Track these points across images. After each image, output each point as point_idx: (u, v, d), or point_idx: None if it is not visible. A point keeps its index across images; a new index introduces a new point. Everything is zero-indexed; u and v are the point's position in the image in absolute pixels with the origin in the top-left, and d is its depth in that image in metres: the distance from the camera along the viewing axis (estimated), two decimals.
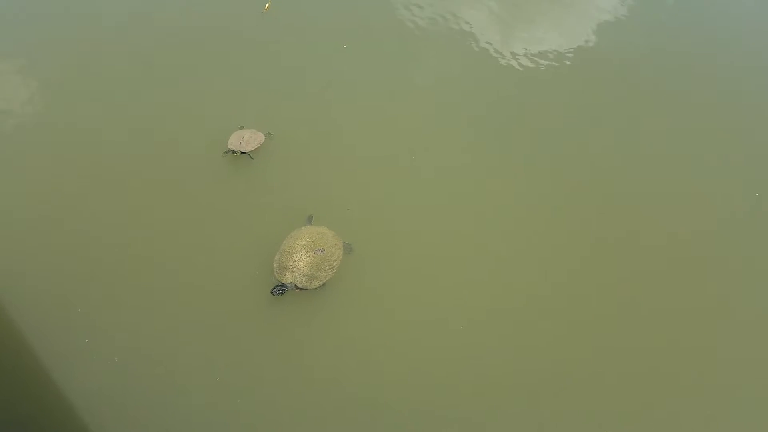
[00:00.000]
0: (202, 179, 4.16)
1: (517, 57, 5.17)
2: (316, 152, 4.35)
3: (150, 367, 3.42)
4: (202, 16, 5.32)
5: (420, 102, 4.80)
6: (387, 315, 3.66)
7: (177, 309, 3.61)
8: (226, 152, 4.19)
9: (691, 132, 4.73)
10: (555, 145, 4.56)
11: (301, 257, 3.62)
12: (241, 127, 4.23)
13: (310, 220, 3.93)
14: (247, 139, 4.16)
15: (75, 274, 3.73)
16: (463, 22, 5.42)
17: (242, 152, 4.14)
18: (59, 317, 3.56)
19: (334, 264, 3.68)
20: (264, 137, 4.24)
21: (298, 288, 3.61)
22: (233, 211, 4.02)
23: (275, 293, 3.56)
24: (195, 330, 3.55)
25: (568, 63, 5.18)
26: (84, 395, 3.32)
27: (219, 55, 5.00)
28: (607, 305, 3.77)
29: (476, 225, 4.07)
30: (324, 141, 4.43)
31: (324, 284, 3.64)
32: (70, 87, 4.72)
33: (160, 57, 4.95)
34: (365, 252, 3.86)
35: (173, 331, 3.55)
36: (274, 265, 3.67)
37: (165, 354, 3.47)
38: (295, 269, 3.61)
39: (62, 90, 4.71)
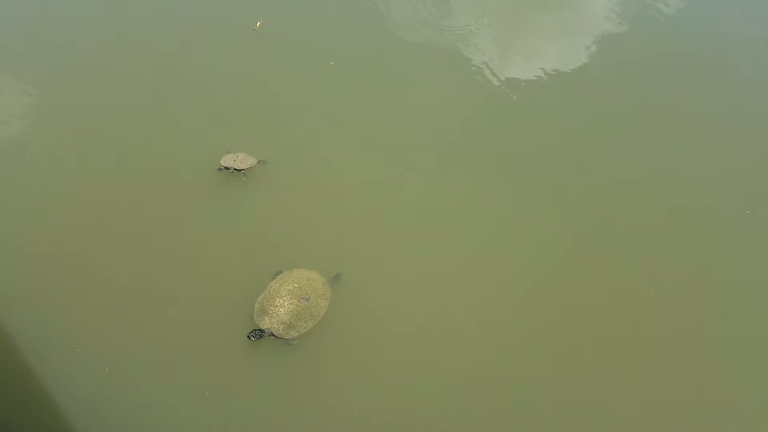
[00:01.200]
0: (194, 199, 4.13)
1: (512, 74, 5.13)
2: (308, 175, 4.29)
3: (140, 378, 3.37)
4: (194, 34, 5.31)
5: (410, 121, 4.76)
6: (380, 347, 3.54)
7: (167, 327, 3.55)
8: (219, 169, 4.16)
9: (687, 141, 4.76)
10: (549, 163, 4.51)
11: (283, 303, 3.43)
12: (228, 152, 4.29)
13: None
14: (241, 158, 4.17)
15: (69, 283, 3.70)
16: (459, 41, 5.41)
17: (236, 169, 4.11)
18: (52, 324, 3.53)
19: (317, 315, 3.47)
20: (255, 161, 4.23)
21: (273, 335, 3.41)
22: (225, 234, 3.95)
23: (252, 338, 3.34)
24: (186, 348, 3.47)
25: (562, 78, 5.14)
26: (71, 401, 3.27)
27: (209, 74, 5.00)
28: (599, 319, 3.73)
29: (471, 246, 4.02)
30: (315, 163, 4.36)
31: (300, 335, 3.43)
32: (53, 110, 4.68)
33: (147, 76, 4.90)
34: (354, 276, 3.76)
35: (163, 346, 3.48)
36: (256, 307, 3.47)
37: (155, 367, 3.42)
38: (274, 315, 3.41)
39: (47, 112, 4.67)
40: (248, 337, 3.36)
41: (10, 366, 3.38)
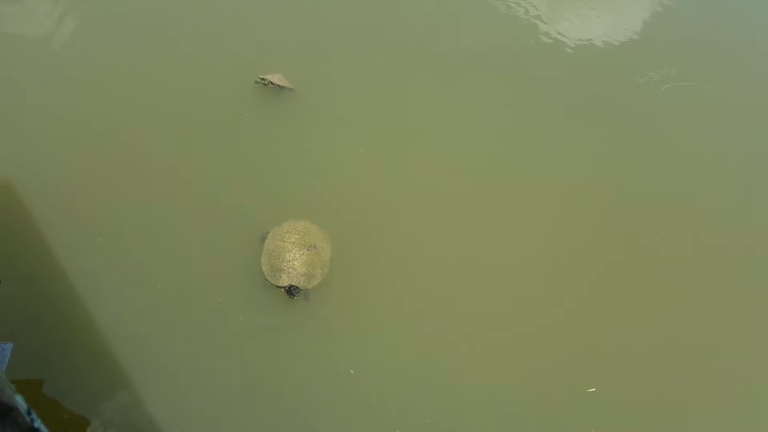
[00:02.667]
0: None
1: (555, 38, 4.78)
2: (329, 109, 4.12)
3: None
4: None
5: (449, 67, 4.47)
6: (381, 321, 3.41)
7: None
8: (257, 81, 4.10)
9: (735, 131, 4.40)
10: (570, 142, 4.19)
11: (295, 256, 3.29)
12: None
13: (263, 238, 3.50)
14: (279, 77, 4.13)
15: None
16: None
17: (272, 83, 4.07)
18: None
19: (326, 260, 3.39)
20: (290, 85, 4.14)
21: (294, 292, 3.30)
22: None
23: (293, 295, 3.27)
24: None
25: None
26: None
27: None
28: (612, 312, 3.53)
29: (479, 229, 3.79)
30: (338, 99, 4.17)
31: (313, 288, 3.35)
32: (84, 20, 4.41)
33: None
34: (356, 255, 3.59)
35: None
36: (264, 268, 3.33)
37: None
38: (291, 270, 3.27)
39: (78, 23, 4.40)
40: (290, 294, 3.28)
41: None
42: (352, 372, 3.23)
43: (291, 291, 3.28)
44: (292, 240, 3.35)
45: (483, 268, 3.62)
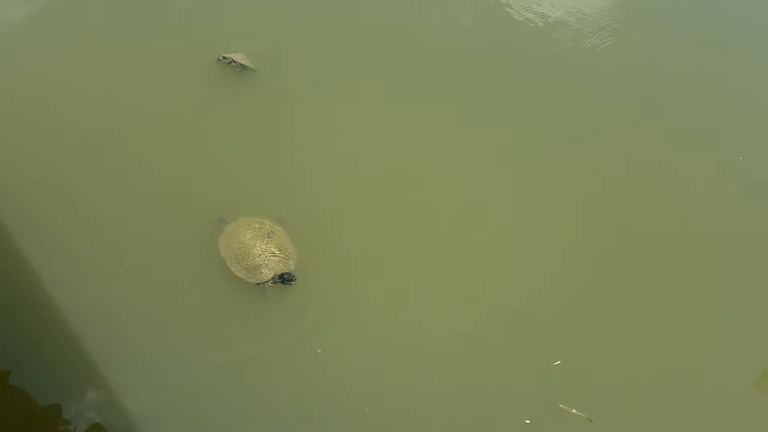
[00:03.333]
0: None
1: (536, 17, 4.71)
2: (293, 90, 4.07)
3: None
4: None
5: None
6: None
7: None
8: (219, 60, 4.04)
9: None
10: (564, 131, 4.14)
11: (263, 248, 3.25)
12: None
13: (222, 222, 3.46)
14: (241, 56, 4.08)
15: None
16: None
17: (234, 61, 4.02)
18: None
19: (289, 239, 3.37)
20: (252, 66, 4.07)
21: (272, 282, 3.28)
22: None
23: (289, 281, 3.24)
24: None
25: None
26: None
27: None
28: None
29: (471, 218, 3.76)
30: (305, 82, 4.11)
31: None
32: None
33: None
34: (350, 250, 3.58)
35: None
36: (241, 274, 3.25)
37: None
38: (267, 261, 3.23)
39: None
40: (286, 282, 3.27)
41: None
42: (319, 351, 3.25)
43: (284, 278, 3.25)
44: (249, 236, 3.30)
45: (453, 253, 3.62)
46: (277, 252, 3.28)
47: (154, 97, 3.95)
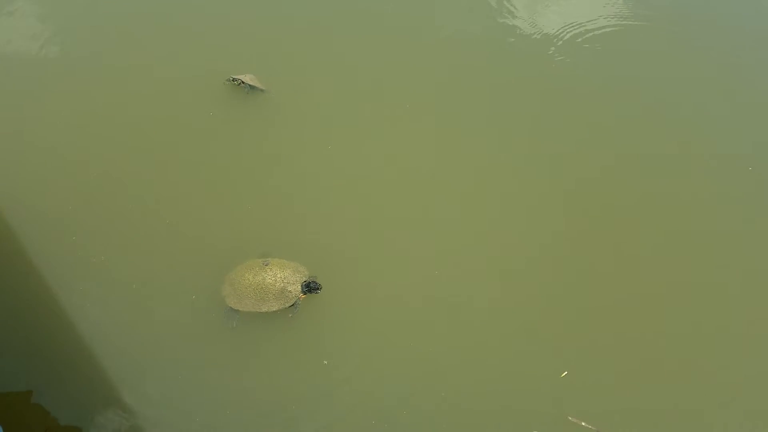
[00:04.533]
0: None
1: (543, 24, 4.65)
2: (304, 110, 4.11)
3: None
4: None
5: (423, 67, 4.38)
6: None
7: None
8: (228, 80, 4.12)
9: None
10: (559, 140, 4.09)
11: (270, 275, 3.27)
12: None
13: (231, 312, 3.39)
14: (250, 77, 4.14)
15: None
16: None
17: (243, 82, 4.09)
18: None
19: (286, 262, 3.39)
20: (261, 87, 4.13)
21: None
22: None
23: (316, 289, 3.31)
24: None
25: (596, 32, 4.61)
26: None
27: None
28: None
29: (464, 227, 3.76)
30: (312, 100, 4.15)
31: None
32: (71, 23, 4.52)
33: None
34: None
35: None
36: (275, 307, 3.26)
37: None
38: (282, 282, 3.26)
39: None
40: (315, 291, 3.33)
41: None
42: (325, 362, 3.29)
43: (311, 287, 3.31)
44: (251, 277, 3.30)
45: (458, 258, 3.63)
46: (285, 269, 3.33)
47: (158, 121, 4.05)
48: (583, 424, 3.12)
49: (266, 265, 3.31)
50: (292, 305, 3.30)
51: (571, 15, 4.69)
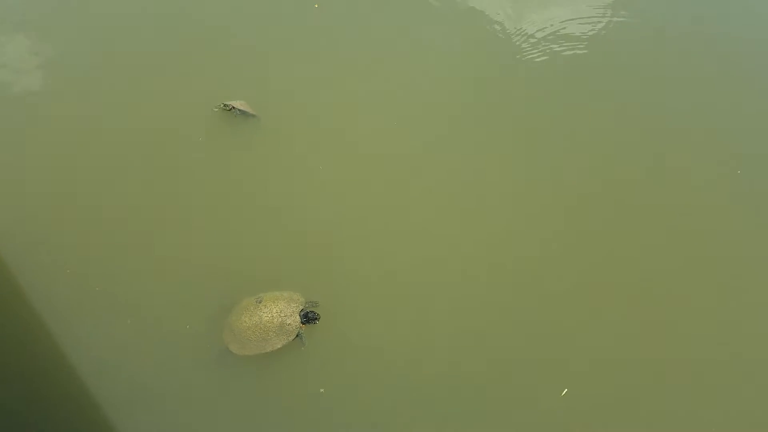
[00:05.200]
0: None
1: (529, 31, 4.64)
2: (297, 132, 4.15)
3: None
4: None
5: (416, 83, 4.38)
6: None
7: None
8: (220, 106, 4.13)
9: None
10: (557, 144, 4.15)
11: (266, 311, 3.29)
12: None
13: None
14: (241, 103, 4.16)
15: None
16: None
17: (233, 107, 4.10)
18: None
19: (277, 293, 3.43)
20: (253, 112, 4.15)
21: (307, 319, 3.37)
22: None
23: (314, 319, 3.34)
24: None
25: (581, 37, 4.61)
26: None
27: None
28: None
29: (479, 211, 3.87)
30: (307, 120, 4.19)
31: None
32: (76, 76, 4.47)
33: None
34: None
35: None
36: (279, 344, 3.29)
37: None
38: (277, 316, 3.28)
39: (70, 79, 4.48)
40: (313, 321, 3.36)
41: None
42: (321, 391, 3.40)
43: (309, 316, 3.34)
44: (247, 318, 3.30)
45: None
46: (278, 302, 3.36)
47: (147, 148, 4.08)
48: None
49: (260, 302, 3.34)
50: (297, 337, 3.33)
51: (558, 17, 4.68)
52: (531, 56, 4.48)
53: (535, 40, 4.55)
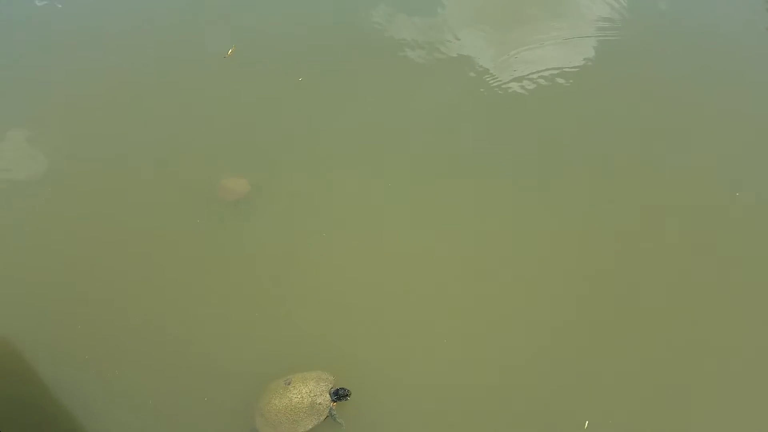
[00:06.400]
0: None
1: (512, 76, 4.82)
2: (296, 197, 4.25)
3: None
4: (165, 62, 5.17)
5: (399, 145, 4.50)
6: None
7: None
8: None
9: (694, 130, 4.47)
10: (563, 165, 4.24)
11: (296, 393, 3.22)
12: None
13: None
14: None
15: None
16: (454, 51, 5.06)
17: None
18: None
19: (310, 374, 3.36)
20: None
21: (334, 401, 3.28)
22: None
23: (345, 396, 3.25)
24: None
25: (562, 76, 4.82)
26: None
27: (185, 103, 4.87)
28: None
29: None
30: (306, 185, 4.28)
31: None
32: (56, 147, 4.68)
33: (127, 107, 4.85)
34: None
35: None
36: (311, 424, 3.22)
37: None
38: (308, 396, 3.21)
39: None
40: (346, 396, 3.27)
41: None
42: None
43: (339, 394, 3.25)
44: (277, 401, 3.23)
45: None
46: (307, 383, 3.29)
47: (144, 236, 4.13)
48: None
49: (288, 384, 3.27)
50: (331, 416, 3.25)
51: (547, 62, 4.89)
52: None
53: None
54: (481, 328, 3.64)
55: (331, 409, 3.26)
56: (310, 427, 3.23)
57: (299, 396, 3.24)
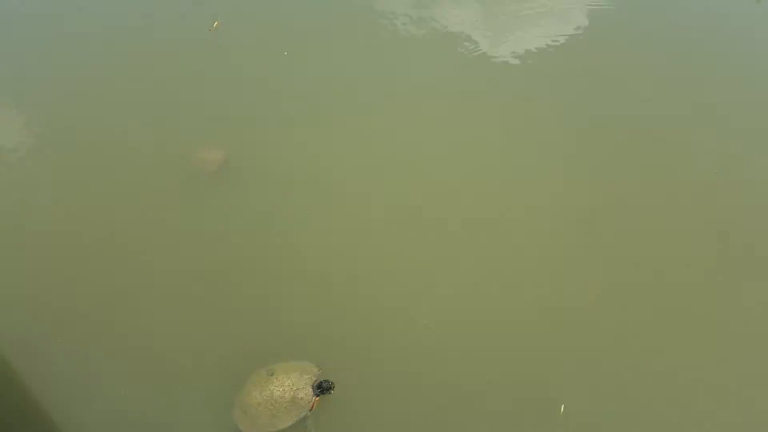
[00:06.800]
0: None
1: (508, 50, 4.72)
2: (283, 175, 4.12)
3: None
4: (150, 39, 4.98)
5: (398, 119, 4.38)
6: None
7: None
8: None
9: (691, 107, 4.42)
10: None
11: (278, 384, 3.09)
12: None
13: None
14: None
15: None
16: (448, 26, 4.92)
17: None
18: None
19: (293, 365, 3.23)
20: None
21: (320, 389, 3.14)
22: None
23: (328, 389, 3.11)
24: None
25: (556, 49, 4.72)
26: None
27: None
28: None
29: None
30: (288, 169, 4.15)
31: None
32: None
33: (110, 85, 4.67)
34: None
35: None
36: (291, 420, 3.07)
37: None
38: (290, 387, 3.07)
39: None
40: (328, 391, 3.12)
41: None
42: None
43: (323, 387, 3.11)
44: (257, 393, 3.10)
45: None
46: (290, 374, 3.16)
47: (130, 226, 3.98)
48: None
49: (271, 375, 3.13)
50: (304, 424, 3.10)
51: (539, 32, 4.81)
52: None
53: None
54: (471, 317, 3.51)
55: (306, 417, 3.10)
56: (290, 423, 3.08)
57: (281, 389, 3.09)
